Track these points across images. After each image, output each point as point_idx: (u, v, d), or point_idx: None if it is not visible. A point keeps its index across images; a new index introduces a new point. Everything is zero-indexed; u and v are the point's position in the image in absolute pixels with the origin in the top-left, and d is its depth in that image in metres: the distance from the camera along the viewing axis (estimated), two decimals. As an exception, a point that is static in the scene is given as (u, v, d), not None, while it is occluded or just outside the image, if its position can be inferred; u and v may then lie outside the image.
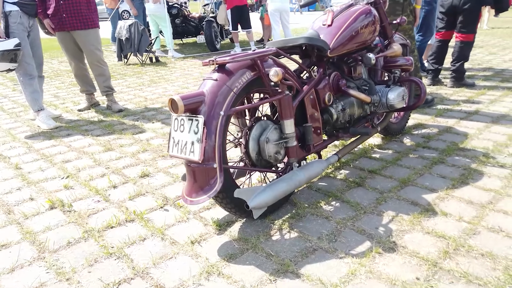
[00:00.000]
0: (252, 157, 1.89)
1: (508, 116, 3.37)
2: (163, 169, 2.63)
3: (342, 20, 2.27)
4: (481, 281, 1.49)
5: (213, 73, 1.75)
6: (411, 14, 3.44)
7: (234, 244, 1.78)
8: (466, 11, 4.13)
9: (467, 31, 4.27)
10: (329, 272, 1.58)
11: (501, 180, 2.26)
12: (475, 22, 4.23)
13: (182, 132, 1.69)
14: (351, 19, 2.27)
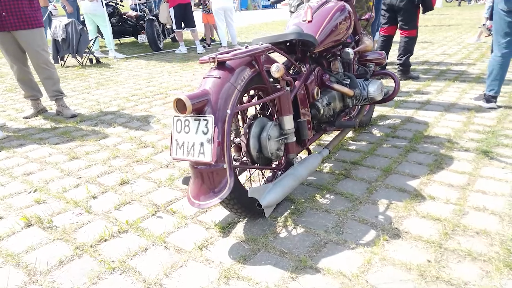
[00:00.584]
0: (253, 155, 1.86)
1: (457, 105, 3.66)
2: (142, 174, 2.50)
3: (322, 16, 2.31)
4: (485, 257, 1.60)
5: (215, 71, 1.69)
6: (368, 11, 3.60)
7: (243, 245, 1.74)
8: (403, 9, 4.46)
9: (408, 28, 4.58)
10: (346, 263, 1.60)
11: (470, 163, 2.45)
12: (414, 19, 4.56)
13: (187, 134, 1.62)
14: (330, 15, 2.32)
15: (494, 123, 3.14)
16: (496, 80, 3.47)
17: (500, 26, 3.34)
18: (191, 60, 6.88)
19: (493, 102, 3.54)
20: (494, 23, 3.43)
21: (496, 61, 3.44)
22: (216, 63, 1.68)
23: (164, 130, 3.32)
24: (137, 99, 4.40)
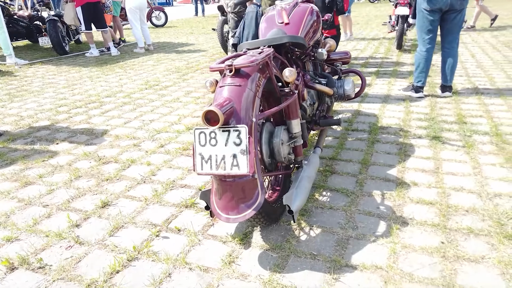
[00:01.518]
0: (265, 161, 1.83)
1: (391, 96, 4.03)
2: (121, 194, 2.29)
3: (298, 18, 2.36)
4: (484, 232, 1.82)
5: (233, 78, 1.63)
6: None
7: (270, 254, 1.72)
8: (322, 12, 4.79)
9: (327, 27, 4.90)
10: (375, 256, 1.68)
11: (428, 148, 2.73)
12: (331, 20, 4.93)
13: (214, 146, 1.53)
14: (305, 17, 2.37)
15: (428, 110, 3.52)
16: (423, 72, 3.89)
17: (424, 24, 3.75)
18: (109, 63, 6.41)
19: (421, 92, 3.97)
20: (418, 21, 3.83)
21: (421, 55, 3.85)
22: (234, 70, 1.62)
23: (120, 142, 3.06)
24: (68, 110, 3.97)
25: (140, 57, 6.92)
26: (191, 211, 2.07)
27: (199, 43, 8.34)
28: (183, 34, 10.04)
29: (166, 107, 3.95)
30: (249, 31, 3.80)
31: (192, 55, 6.97)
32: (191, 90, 4.60)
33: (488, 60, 5.55)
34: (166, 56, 6.95)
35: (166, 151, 2.86)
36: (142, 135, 3.19)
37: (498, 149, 2.67)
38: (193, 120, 3.52)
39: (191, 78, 5.21)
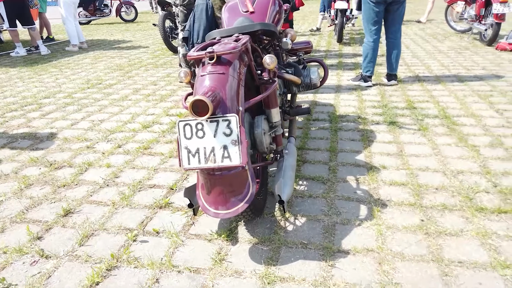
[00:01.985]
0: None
1: (342, 86, 4.14)
2: (84, 199, 2.10)
3: (263, 7, 2.31)
4: (457, 207, 1.91)
5: (214, 66, 1.54)
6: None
7: (261, 247, 1.66)
8: None
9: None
10: (364, 239, 1.69)
11: (389, 133, 2.83)
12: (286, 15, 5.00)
13: (202, 138, 1.44)
14: (270, 5, 2.33)
15: (380, 98, 3.67)
16: (371, 62, 4.04)
17: (370, 15, 3.89)
18: (40, 63, 5.90)
19: (369, 81, 4.12)
20: (364, 13, 3.96)
21: (369, 46, 4.00)
22: (215, 58, 1.53)
23: (70, 145, 2.82)
24: (1, 114, 3.58)
25: (74, 56, 6.47)
26: (167, 212, 1.95)
27: (137, 40, 7.99)
28: (117, 31, 9.56)
29: (116, 106, 3.71)
30: (200, 24, 3.68)
31: (132, 52, 6.65)
32: (139, 87, 4.37)
33: (421, 50, 5.92)
34: (104, 53, 6.57)
35: (125, 151, 2.67)
36: (95, 136, 2.96)
37: (450, 130, 2.84)
38: (147, 118, 3.34)
39: (136, 75, 4.96)
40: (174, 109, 3.55)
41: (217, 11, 3.67)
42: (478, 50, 5.75)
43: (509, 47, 5.64)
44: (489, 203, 1.92)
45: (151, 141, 2.81)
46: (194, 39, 3.67)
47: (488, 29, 5.98)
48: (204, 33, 3.67)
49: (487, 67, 4.69)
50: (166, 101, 3.81)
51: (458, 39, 6.77)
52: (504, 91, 3.70)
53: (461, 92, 3.74)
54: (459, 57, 5.30)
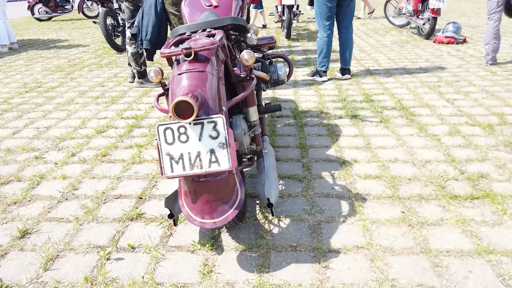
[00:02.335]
0: None
1: (299, 81, 4.14)
2: (41, 217, 1.88)
3: (226, 1, 2.21)
4: (432, 196, 1.95)
5: (192, 64, 1.42)
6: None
7: (249, 254, 1.58)
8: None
9: None
10: (351, 236, 1.67)
11: (353, 127, 2.86)
12: None
13: (185, 143, 1.32)
14: (232, 0, 2.23)
15: (337, 92, 3.71)
16: (326, 57, 4.08)
17: (323, 11, 3.92)
18: (-35, 67, 5.32)
19: (324, 76, 4.16)
20: (317, 8, 3.98)
21: (323, 41, 4.03)
22: (193, 55, 1.41)
23: (15, 156, 2.53)
24: None
25: (4, 57, 5.91)
26: (140, 224, 1.80)
27: (74, 39, 7.49)
28: (50, 30, 8.91)
29: (61, 111, 3.41)
30: (149, 20, 3.49)
31: (71, 51, 6.21)
32: (85, 89, 4.07)
33: (367, 45, 6.11)
34: (39, 54, 6.07)
35: (81, 160, 2.45)
36: (43, 145, 2.69)
37: (409, 121, 2.92)
38: (100, 122, 3.11)
39: (80, 76, 4.62)
40: (128, 111, 3.34)
41: (169, 6, 3.50)
42: (418, 43, 6.04)
43: (445, 40, 5.99)
44: (460, 190, 1.98)
45: (109, 147, 2.61)
46: (143, 36, 3.48)
47: (426, 24, 6.30)
48: (154, 29, 3.49)
49: (429, 59, 4.93)
50: (118, 103, 3.58)
51: (398, 33, 7.08)
52: (449, 82, 3.90)
53: (411, 84, 3.88)
54: (403, 51, 5.53)
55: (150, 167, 2.32)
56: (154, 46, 3.55)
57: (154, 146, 2.62)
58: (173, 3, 3.46)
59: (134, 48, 3.94)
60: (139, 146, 2.61)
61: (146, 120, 3.11)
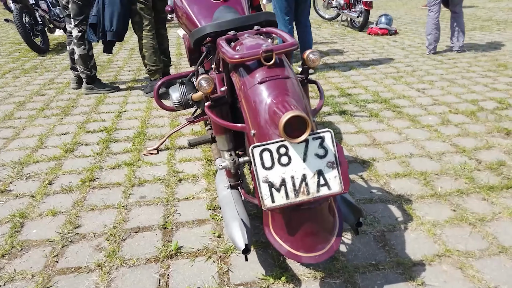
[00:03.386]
0: None
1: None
2: (47, 269, 1.47)
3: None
4: (469, 189, 1.93)
5: (275, 69, 1.18)
6: None
7: (333, 281, 1.39)
8: None
9: None
10: (423, 245, 1.57)
11: (347, 123, 2.78)
12: None
13: (287, 166, 1.08)
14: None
15: (310, 88, 3.62)
16: (291, 52, 3.96)
17: (283, 5, 3.78)
18: None
19: (289, 71, 4.04)
20: (277, 3, 3.83)
21: (287, 35, 3.89)
22: (274, 58, 1.17)
23: (-30, 192, 2.00)
24: None
25: None
26: (184, 261, 1.50)
27: (-23, 41, 6.41)
28: None
29: (3, 129, 2.82)
30: (114, 9, 3.04)
31: (-20, 56, 5.28)
32: (22, 100, 3.45)
33: (309, 37, 6.13)
34: None
35: (64, 188, 2.01)
36: (2, 175, 2.17)
37: (397, 113, 2.94)
38: (63, 138, 2.62)
39: (6, 85, 3.92)
40: (91, 124, 2.87)
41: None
42: (355, 35, 6.24)
43: (380, 32, 6.26)
44: (491, 180, 2.00)
45: (91, 169, 2.19)
46: (107, 27, 3.04)
47: (360, 16, 6.53)
48: (119, 20, 3.07)
49: (375, 51, 5.10)
50: (72, 115, 3.07)
51: (330, 26, 7.26)
52: (408, 72, 4.04)
53: (376, 76, 3.95)
54: (345, 43, 5.66)
55: (157, 189, 1.99)
56: (119, 38, 3.13)
57: (147, 163, 2.26)
58: None
59: (83, 49, 3.41)
60: (128, 165, 2.23)
61: (120, 133, 2.70)
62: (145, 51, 3.41)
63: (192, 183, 2.04)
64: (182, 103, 2.15)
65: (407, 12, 8.95)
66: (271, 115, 1.10)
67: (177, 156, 2.34)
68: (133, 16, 3.29)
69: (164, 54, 3.62)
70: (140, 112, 3.10)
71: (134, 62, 4.89)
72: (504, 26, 6.60)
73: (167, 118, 2.95)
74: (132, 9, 3.24)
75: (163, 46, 3.61)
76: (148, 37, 3.40)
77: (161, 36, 3.57)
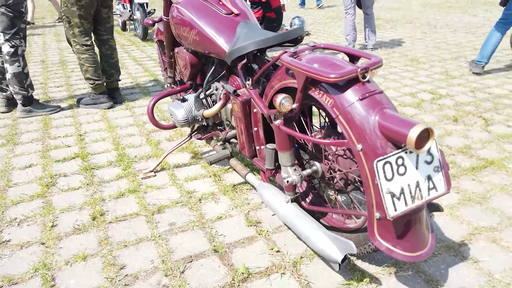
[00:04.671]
0: None
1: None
2: None
3: (241, 5, 1.95)
4: None
5: (370, 84, 1.25)
6: None
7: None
8: None
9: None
10: (453, 226, 1.78)
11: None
12: None
13: (403, 175, 1.16)
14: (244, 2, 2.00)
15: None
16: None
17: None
18: None
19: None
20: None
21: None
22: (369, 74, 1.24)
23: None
24: None
25: None
26: (260, 281, 1.48)
27: None
28: None
29: None
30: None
31: None
32: None
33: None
34: None
35: (77, 228, 1.79)
36: (-18, 224, 1.84)
37: (357, 110, 3.20)
38: (30, 173, 2.30)
39: None
40: (54, 151, 2.56)
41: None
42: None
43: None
44: (468, 163, 2.33)
45: (93, 202, 1.98)
46: None
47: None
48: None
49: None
50: (23, 144, 2.70)
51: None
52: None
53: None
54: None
55: (181, 213, 1.89)
56: None
57: (152, 187, 2.12)
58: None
59: (18, 67, 3.00)
60: (133, 192, 2.07)
61: (98, 158, 2.46)
62: (88, 66, 3.16)
63: (214, 202, 1.98)
64: (189, 120, 2.08)
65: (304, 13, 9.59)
66: (383, 129, 1.16)
67: (178, 175, 2.24)
68: (72, 28, 3.04)
69: (115, 67, 3.37)
70: (104, 132, 2.85)
71: (57, 76, 4.41)
72: (393, 25, 7.52)
73: (139, 136, 2.77)
74: (70, 22, 3.01)
75: (114, 59, 3.36)
76: (90, 50, 3.16)
77: (111, 48, 3.33)
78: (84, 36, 3.10)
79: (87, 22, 3.09)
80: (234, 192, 2.06)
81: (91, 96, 3.30)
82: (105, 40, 3.31)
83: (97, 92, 3.26)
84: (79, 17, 3.03)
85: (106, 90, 3.32)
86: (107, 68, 3.35)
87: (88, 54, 3.12)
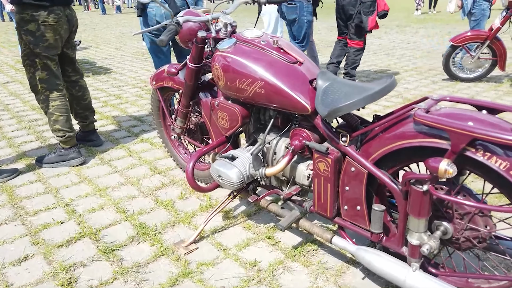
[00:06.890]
0: None
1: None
2: None
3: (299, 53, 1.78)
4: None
5: None
6: None
7: None
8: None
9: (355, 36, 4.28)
10: None
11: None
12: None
13: None
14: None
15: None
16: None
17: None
18: None
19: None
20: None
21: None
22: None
23: None
24: None
25: None
26: None
27: None
28: None
29: None
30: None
31: None
32: None
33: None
34: None
35: None
36: None
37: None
38: (34, 263, 1.78)
39: None
40: (44, 232, 2.05)
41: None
42: None
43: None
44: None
45: (119, 273, 1.59)
46: None
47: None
48: None
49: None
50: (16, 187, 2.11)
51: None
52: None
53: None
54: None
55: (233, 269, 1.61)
56: None
57: (206, 264, 1.79)
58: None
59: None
60: (186, 275, 1.72)
61: (110, 233, 2.02)
62: (59, 115, 2.68)
63: (289, 272, 1.74)
64: (244, 181, 1.82)
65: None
66: None
67: (224, 242, 1.93)
68: (38, 73, 2.58)
69: (89, 108, 3.00)
70: (95, 197, 2.38)
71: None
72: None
73: (143, 197, 2.36)
74: (35, 65, 2.53)
75: (86, 99, 2.98)
76: (63, 97, 2.70)
77: (82, 88, 2.94)
78: (54, 78, 2.63)
79: (54, 63, 2.63)
80: (303, 256, 1.83)
81: (58, 151, 2.77)
82: (74, 81, 2.91)
83: (67, 146, 2.75)
84: (45, 58, 2.55)
85: (76, 143, 2.83)
86: (80, 111, 2.99)
87: (60, 101, 2.66)
